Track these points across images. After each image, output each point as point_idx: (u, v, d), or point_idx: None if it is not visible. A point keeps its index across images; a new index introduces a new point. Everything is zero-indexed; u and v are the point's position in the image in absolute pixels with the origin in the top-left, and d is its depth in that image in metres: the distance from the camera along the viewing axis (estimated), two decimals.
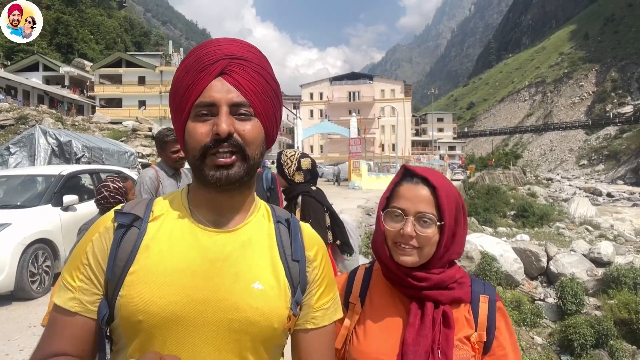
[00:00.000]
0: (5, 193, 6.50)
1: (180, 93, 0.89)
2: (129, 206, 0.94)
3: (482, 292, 1.13)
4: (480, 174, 45.25)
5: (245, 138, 0.87)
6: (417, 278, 1.08)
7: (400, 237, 1.08)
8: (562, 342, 7.34)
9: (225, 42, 0.91)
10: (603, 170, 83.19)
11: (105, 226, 0.90)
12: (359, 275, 1.21)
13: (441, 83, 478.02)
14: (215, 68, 0.87)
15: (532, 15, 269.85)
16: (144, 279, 0.84)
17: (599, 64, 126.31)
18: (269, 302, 0.88)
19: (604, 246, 10.55)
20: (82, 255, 0.89)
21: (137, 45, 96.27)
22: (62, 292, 0.88)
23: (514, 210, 25.42)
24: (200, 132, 0.86)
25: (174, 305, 0.83)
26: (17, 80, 40.85)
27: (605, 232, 18.11)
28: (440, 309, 1.07)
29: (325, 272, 0.99)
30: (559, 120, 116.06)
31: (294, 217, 1.01)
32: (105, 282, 0.87)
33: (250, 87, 0.88)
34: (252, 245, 0.92)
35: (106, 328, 0.87)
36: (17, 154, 11.21)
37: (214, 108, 0.85)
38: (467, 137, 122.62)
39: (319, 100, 71.87)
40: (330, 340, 1.00)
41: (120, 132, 27.52)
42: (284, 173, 2.94)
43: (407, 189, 1.12)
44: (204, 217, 0.92)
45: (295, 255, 0.95)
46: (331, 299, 1.00)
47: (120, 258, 0.86)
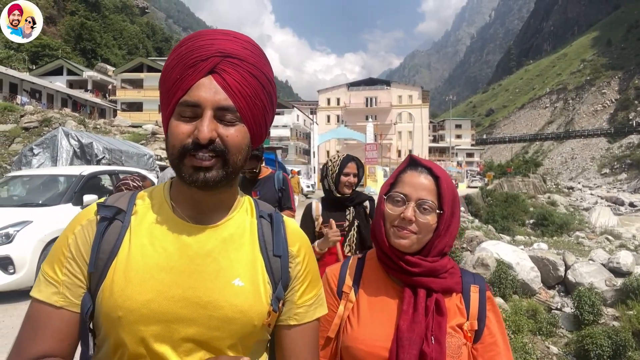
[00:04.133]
0: (28, 192, 6.72)
1: (167, 86, 0.86)
2: (112, 199, 0.92)
3: (472, 283, 1.16)
4: (499, 181, 44.68)
5: (228, 144, 0.83)
6: (410, 263, 1.11)
7: (400, 220, 1.11)
8: (579, 353, 7.20)
9: (220, 35, 0.86)
10: (625, 179, 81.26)
11: (88, 219, 0.88)
12: (352, 265, 1.23)
13: (460, 89, 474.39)
14: (205, 65, 0.83)
15: (554, 22, 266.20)
16: (124, 274, 0.82)
17: (622, 71, 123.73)
18: (249, 299, 0.86)
19: (624, 256, 10.31)
20: (64, 249, 0.86)
21: (159, 50, 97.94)
22: (44, 287, 0.85)
23: (533, 219, 25.03)
24: (182, 132, 0.82)
25: (153, 302, 0.81)
26: (41, 84, 41.97)
27: (627, 242, 17.68)
28: (433, 297, 1.09)
29: (308, 268, 0.97)
30: (581, 128, 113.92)
31: (277, 212, 1.00)
32: (89, 275, 0.85)
33: (240, 90, 0.84)
34: (234, 241, 0.90)
35: (89, 322, 0.86)
36: (40, 155, 11.53)
37: (199, 109, 0.82)
38: (486, 144, 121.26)
39: (336, 106, 72.07)
40: (313, 337, 0.98)
41: (140, 135, 28.05)
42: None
43: (411, 176, 1.16)
44: (185, 213, 0.90)
45: (277, 250, 0.93)
46: (314, 295, 0.98)
47: (103, 251, 0.85)
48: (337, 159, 2.69)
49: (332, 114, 70.87)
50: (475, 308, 1.12)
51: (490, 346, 1.11)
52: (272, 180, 3.40)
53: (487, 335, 1.11)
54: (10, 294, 5.22)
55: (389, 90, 72.41)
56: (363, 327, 1.11)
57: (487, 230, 18.69)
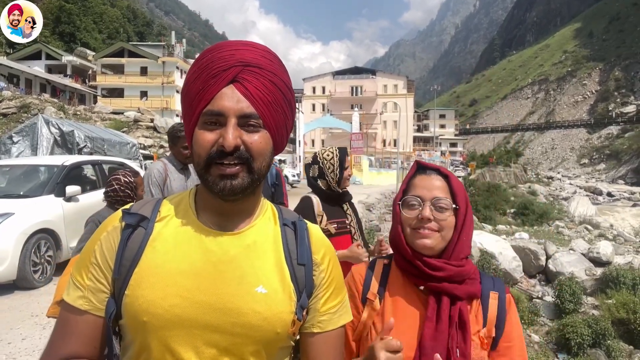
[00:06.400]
0: (8, 183, 6.53)
1: (190, 97, 0.88)
2: (136, 206, 0.94)
3: (492, 289, 1.16)
4: (481, 171, 45.20)
5: (252, 150, 0.85)
6: (434, 267, 1.11)
7: (419, 221, 1.13)
8: (559, 341, 7.37)
9: (240, 46, 0.89)
10: (604, 169, 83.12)
11: (113, 225, 0.91)
12: (377, 271, 1.23)
13: (444, 79, 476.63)
14: (227, 75, 0.85)
15: (537, 13, 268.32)
16: (148, 279, 0.84)
17: (603, 62, 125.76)
18: (272, 307, 0.87)
19: (603, 246, 10.56)
20: (90, 255, 0.89)
21: (140, 35, 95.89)
22: (72, 290, 0.89)
23: (514, 208, 25.43)
24: (207, 141, 0.84)
25: (177, 308, 0.83)
26: (19, 68, 40.82)
27: (605, 231, 18.11)
28: (457, 306, 1.09)
29: (332, 275, 0.98)
30: (561, 119, 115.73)
31: (301, 219, 1.00)
32: (113, 280, 0.87)
33: (262, 97, 0.86)
34: (257, 248, 0.91)
35: (115, 325, 0.88)
36: (20, 143, 11.24)
37: (222, 118, 0.84)
38: (469, 134, 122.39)
39: (322, 95, 71.78)
40: (337, 344, 0.98)
41: (122, 122, 27.56)
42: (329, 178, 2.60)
43: (422, 180, 1.19)
44: (209, 220, 0.91)
45: (301, 259, 0.93)
46: (339, 302, 0.98)
47: (127, 257, 0.87)
48: (334, 156, 2.64)
49: (317, 102, 70.57)
50: (493, 315, 1.12)
51: (506, 350, 1.11)
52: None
53: (503, 341, 1.12)
54: None
55: (375, 79, 72.37)
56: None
57: None
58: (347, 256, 2.37)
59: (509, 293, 1.18)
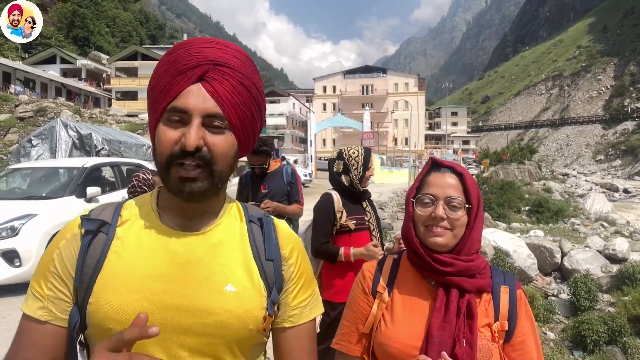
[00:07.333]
0: (30, 185, 6.72)
1: (156, 92, 0.85)
2: (96, 211, 0.91)
3: (502, 283, 1.18)
4: (495, 168, 44.84)
5: (214, 152, 0.83)
6: (443, 262, 1.13)
7: (432, 219, 1.15)
8: (575, 338, 7.34)
9: (211, 44, 0.86)
10: (620, 165, 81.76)
11: (72, 233, 0.88)
12: (386, 266, 1.26)
13: (456, 76, 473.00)
14: (195, 73, 0.82)
15: (550, 8, 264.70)
16: (112, 285, 0.82)
17: (617, 57, 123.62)
18: (243, 304, 0.86)
19: (619, 243, 10.46)
20: (49, 263, 0.86)
21: (152, 38, 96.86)
22: (31, 301, 0.85)
23: (529, 206, 25.19)
24: (169, 139, 0.82)
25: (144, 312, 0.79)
26: (35, 72, 41.58)
27: (621, 228, 17.89)
28: (465, 298, 1.11)
29: (301, 269, 0.97)
30: (576, 115, 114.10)
31: (267, 215, 1.00)
32: (75, 289, 0.84)
33: (229, 98, 0.83)
34: (223, 246, 0.90)
35: (80, 335, 0.86)
36: (39, 146, 11.49)
37: (187, 116, 0.82)
38: (482, 131, 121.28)
39: (332, 94, 71.80)
40: (309, 338, 0.98)
41: (136, 124, 27.93)
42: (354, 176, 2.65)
43: (436, 178, 1.20)
44: (173, 221, 0.89)
45: (270, 254, 0.93)
46: (309, 296, 0.98)
47: (88, 265, 0.84)
48: (359, 155, 2.68)
49: (328, 102, 70.62)
50: (505, 308, 1.14)
51: (519, 345, 1.13)
52: (280, 174, 3.44)
53: (517, 335, 1.14)
54: (16, 286, 5.26)
55: (385, 77, 72.16)
56: (396, 325, 1.15)
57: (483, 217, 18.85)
58: (363, 254, 2.43)
59: (520, 288, 1.20)
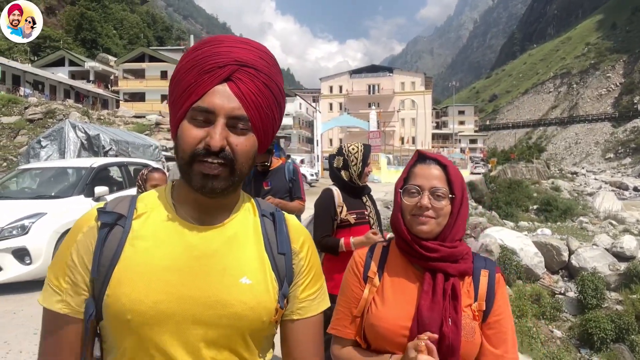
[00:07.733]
0: (40, 184, 6.83)
1: (181, 89, 0.86)
2: (111, 204, 0.92)
3: (483, 267, 1.27)
4: (502, 167, 44.65)
5: (237, 152, 0.85)
6: (429, 249, 1.22)
7: (418, 209, 1.24)
8: (582, 336, 7.32)
9: (239, 44, 0.87)
10: (630, 164, 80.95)
11: (89, 226, 0.88)
12: (377, 252, 1.35)
13: (463, 75, 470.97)
14: (222, 72, 0.83)
15: (558, 5, 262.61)
16: (130, 277, 0.83)
17: (627, 54, 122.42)
18: (257, 296, 0.88)
19: (627, 240, 10.41)
20: (66, 257, 0.87)
21: (159, 40, 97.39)
22: (49, 295, 0.86)
23: (537, 205, 25.08)
24: (193, 137, 0.83)
25: (161, 304, 0.82)
26: (44, 75, 42.05)
27: (630, 226, 17.74)
28: (450, 282, 1.20)
29: (311, 263, 1.00)
30: (585, 113, 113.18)
31: (278, 210, 1.03)
32: (91, 281, 0.85)
33: (254, 100, 0.85)
34: (238, 240, 0.92)
35: (95, 327, 0.87)
36: (48, 147, 11.63)
37: (212, 116, 0.83)
38: (489, 130, 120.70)
39: (339, 94, 71.79)
40: (316, 331, 1.01)
41: (144, 125, 28.13)
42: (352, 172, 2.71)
43: (421, 169, 1.29)
44: (189, 214, 0.91)
45: (281, 248, 0.95)
46: (317, 289, 1.00)
47: (105, 257, 0.85)
48: (358, 151, 2.74)
49: (334, 101, 70.61)
50: (483, 290, 1.23)
51: (495, 324, 1.21)
52: (282, 171, 3.48)
53: (493, 315, 1.22)
54: (26, 284, 5.37)
55: (392, 77, 72.01)
56: (386, 307, 1.23)
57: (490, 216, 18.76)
58: (363, 242, 2.48)
59: (499, 272, 1.29)
